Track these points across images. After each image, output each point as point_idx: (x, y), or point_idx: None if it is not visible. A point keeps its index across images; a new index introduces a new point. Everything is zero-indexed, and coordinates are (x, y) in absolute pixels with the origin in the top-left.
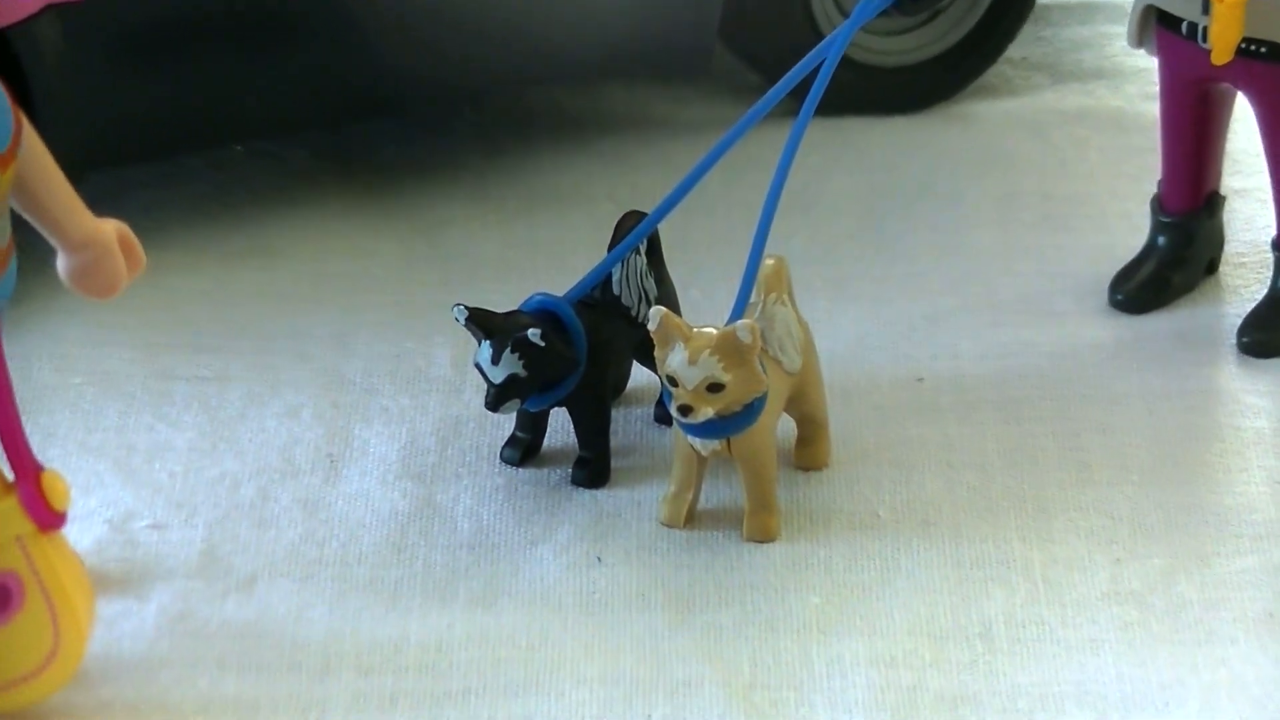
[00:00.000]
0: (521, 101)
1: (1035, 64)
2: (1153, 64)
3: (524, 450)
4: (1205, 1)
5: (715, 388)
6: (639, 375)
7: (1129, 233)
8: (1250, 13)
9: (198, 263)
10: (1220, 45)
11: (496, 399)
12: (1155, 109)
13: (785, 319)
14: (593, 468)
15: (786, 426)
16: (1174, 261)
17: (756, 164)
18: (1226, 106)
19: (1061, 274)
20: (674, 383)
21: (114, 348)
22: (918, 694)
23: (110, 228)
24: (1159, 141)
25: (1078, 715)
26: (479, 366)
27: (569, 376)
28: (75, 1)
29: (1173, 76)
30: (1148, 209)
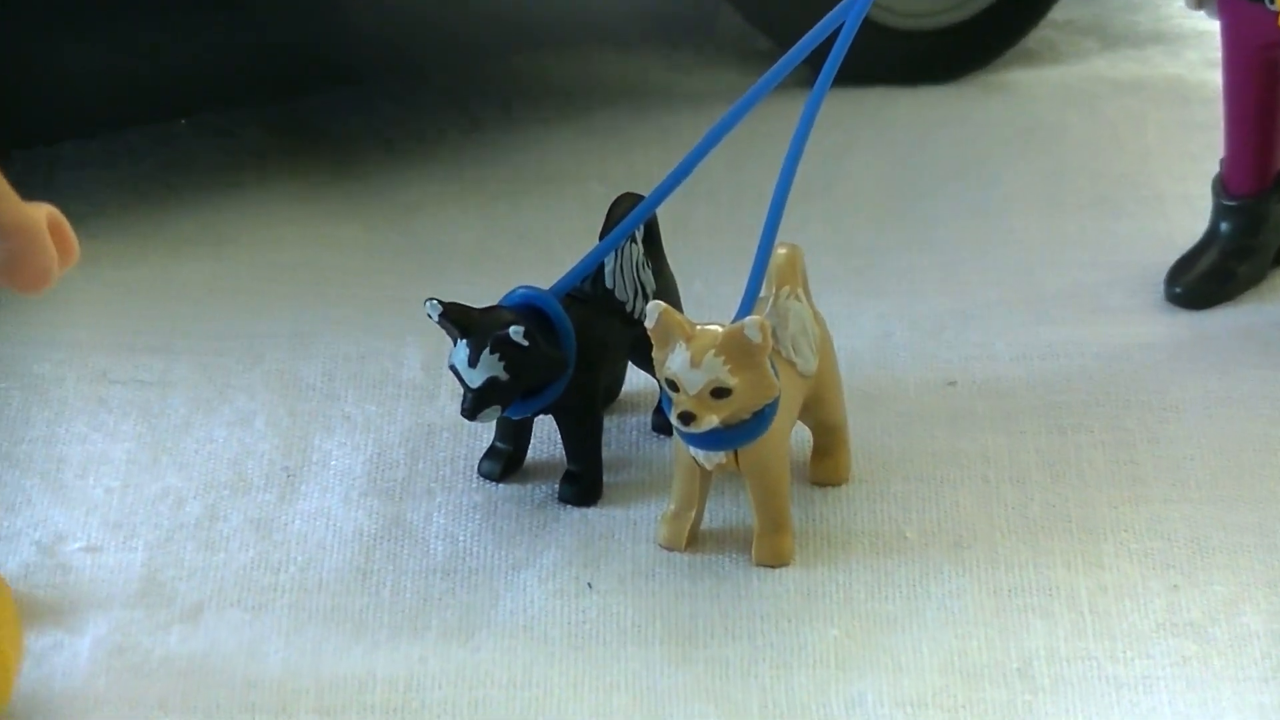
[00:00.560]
0: (503, 69)
1: (1083, 27)
2: (1215, 27)
3: (505, 463)
4: None
5: (721, 392)
6: (635, 379)
7: (1189, 218)
8: None
9: (138, 252)
10: None
11: (474, 405)
12: (1218, 78)
13: (800, 315)
14: (582, 483)
15: (801, 436)
16: (1239, 250)
17: (767, 141)
18: None
19: (1112, 264)
20: (674, 387)
21: (43, 348)
22: None
23: (40, 213)
24: (1222, 115)
25: None
26: (454, 369)
27: (556, 380)
28: None
29: (1237, 41)
30: (1209, 191)
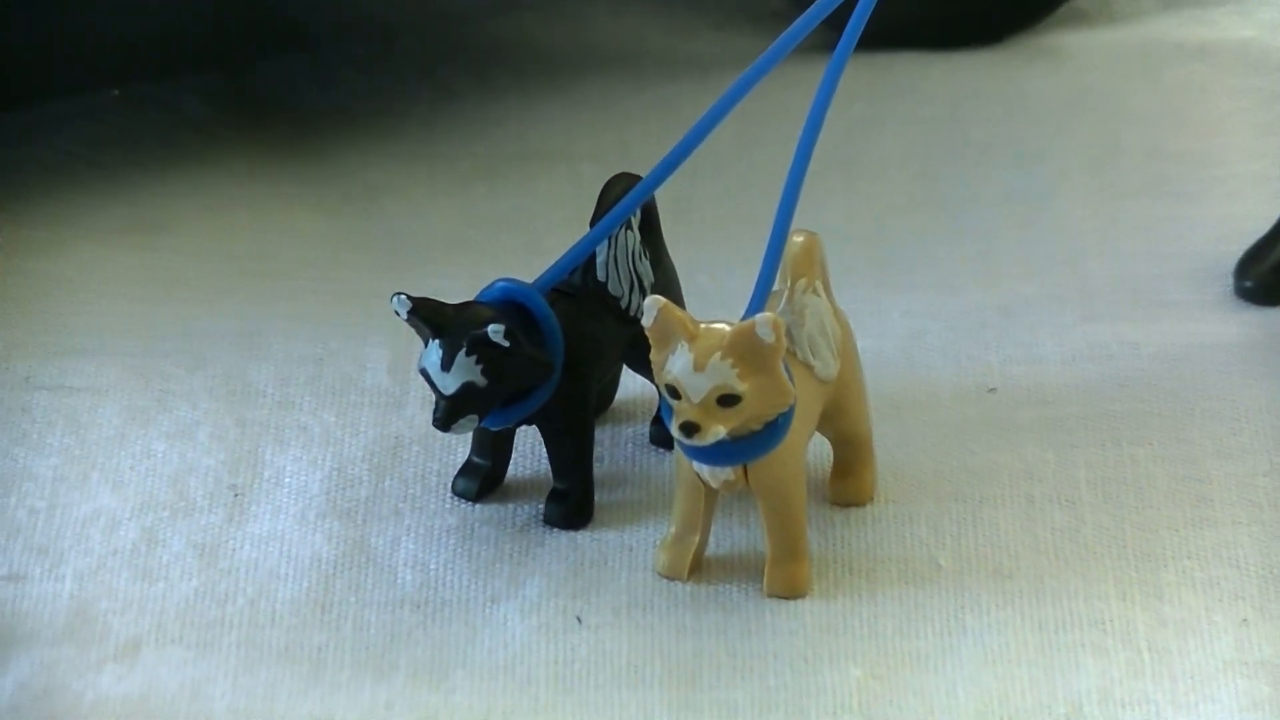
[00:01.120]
0: (480, 32)
1: None
2: None
3: (482, 481)
4: None
5: (728, 400)
6: (631, 384)
7: (1261, 201)
8: None
9: (64, 241)
10: None
11: (448, 415)
12: None
13: (818, 312)
14: (571, 503)
15: (820, 450)
16: None
17: (782, 113)
18: None
19: (1174, 254)
20: (676, 394)
21: None
22: None
23: None
24: None
25: None
26: (425, 373)
27: (541, 386)
28: None
29: None
30: None
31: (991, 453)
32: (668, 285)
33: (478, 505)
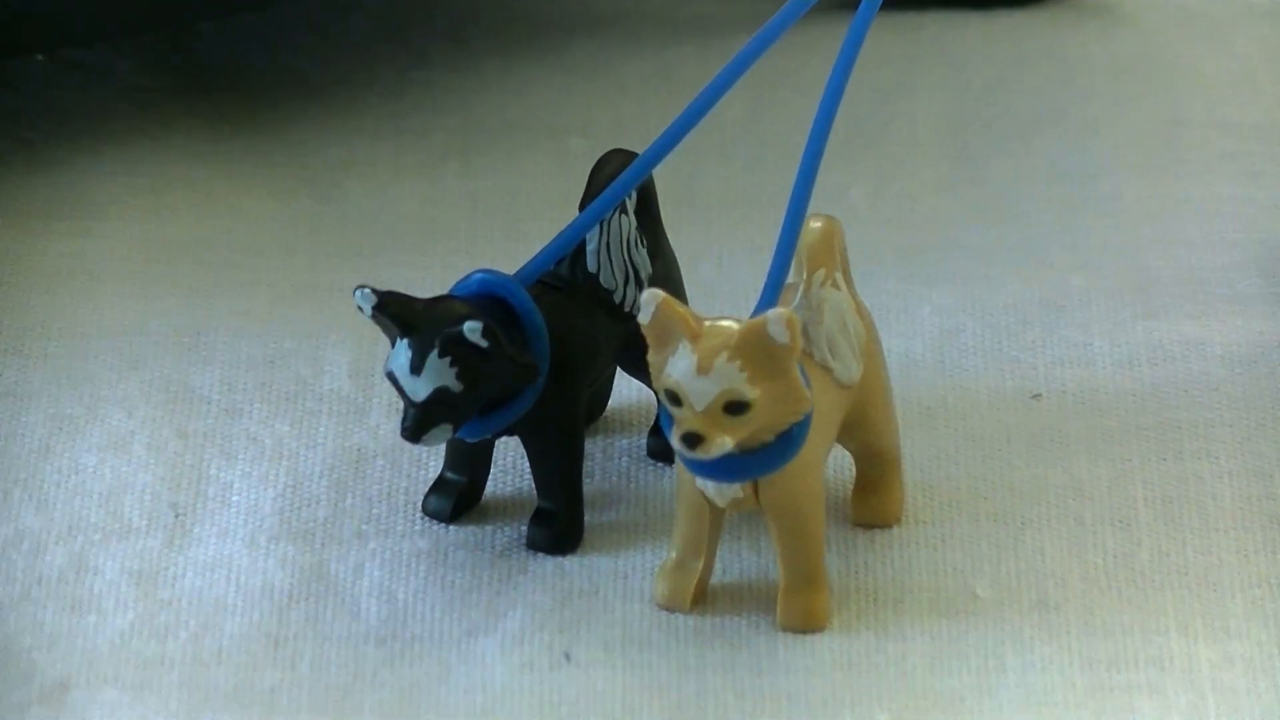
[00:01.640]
0: None
1: None
2: None
3: (458, 499)
4: None
5: (736, 407)
6: (626, 389)
7: None
8: None
9: None
10: None
11: (418, 424)
12: None
13: (838, 307)
14: (558, 525)
15: (841, 464)
16: None
17: (797, 81)
18: None
19: (1245, 242)
20: (677, 400)
21: None
22: None
23: None
24: None
25: None
26: (392, 377)
27: (523, 391)
28: None
29: None
30: None
31: (1036, 467)
32: (667, 277)
33: (452, 527)
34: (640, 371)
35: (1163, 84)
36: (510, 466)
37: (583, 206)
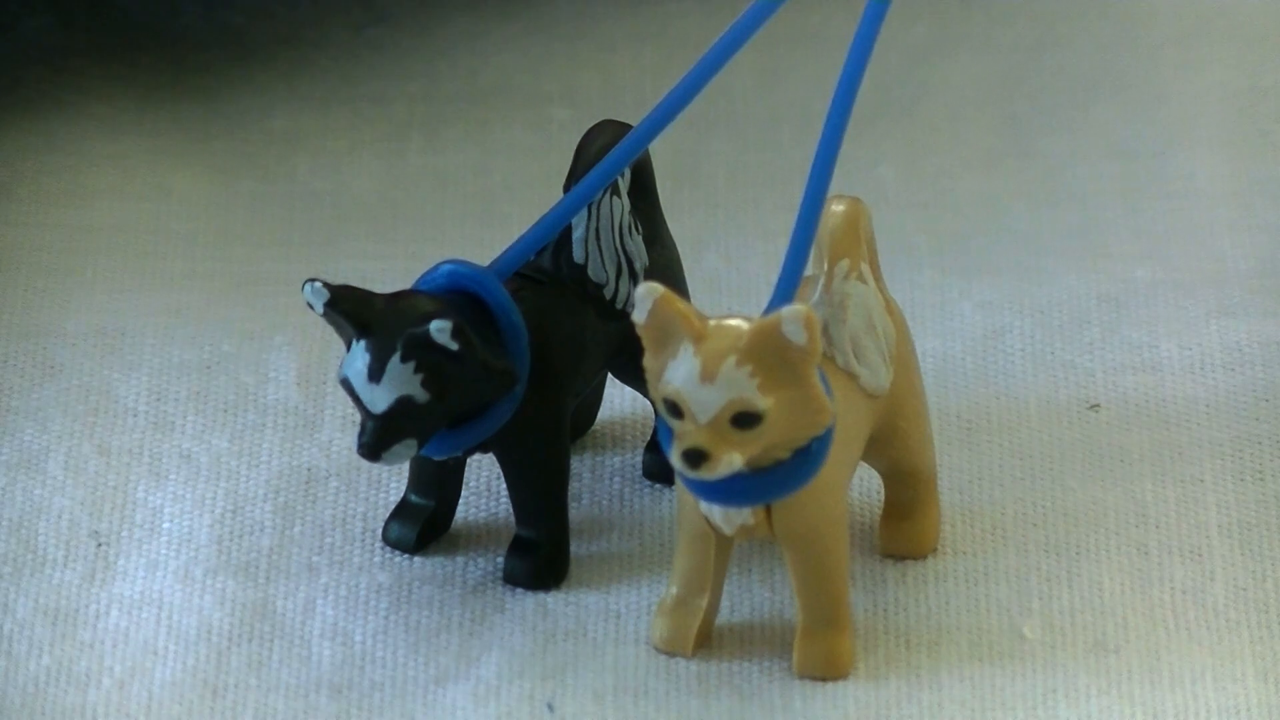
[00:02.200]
0: None
1: None
2: None
3: (424, 527)
4: None
5: (746, 420)
6: (619, 398)
7: None
8: None
9: None
10: None
11: (378, 439)
12: None
13: (864, 304)
14: (540, 556)
15: (868, 485)
16: None
17: (817, 40)
18: None
19: None
20: (677, 411)
21: None
22: None
23: None
24: None
25: None
26: (348, 384)
27: (499, 401)
28: None
29: None
30: None
31: (1093, 489)
32: (666, 269)
33: (417, 558)
34: (635, 378)
35: (1240, 45)
36: (484, 488)
37: (567, 187)
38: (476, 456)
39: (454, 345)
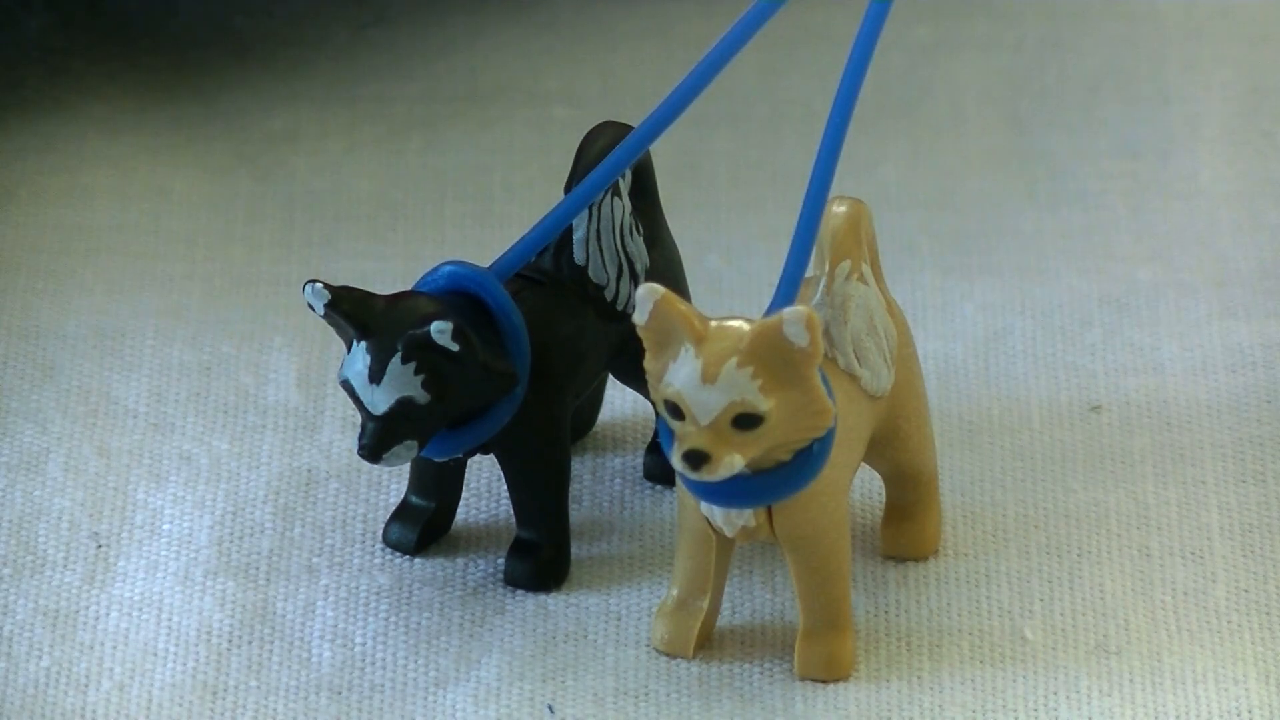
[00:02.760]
0: None
1: None
2: None
3: (424, 528)
4: None
5: (748, 421)
6: (619, 400)
7: None
8: None
9: None
10: None
11: (378, 441)
12: None
13: (866, 305)
14: (540, 558)
15: (869, 487)
16: None
17: (819, 39)
18: None
19: None
20: (678, 413)
21: None
22: None
23: None
24: None
25: None
26: (349, 386)
27: (500, 403)
28: None
29: None
30: None
31: (1095, 491)
32: (667, 269)
33: (417, 560)
34: (636, 380)
35: (1244, 46)
36: (485, 490)
37: (568, 188)
38: (477, 458)
39: (454, 346)
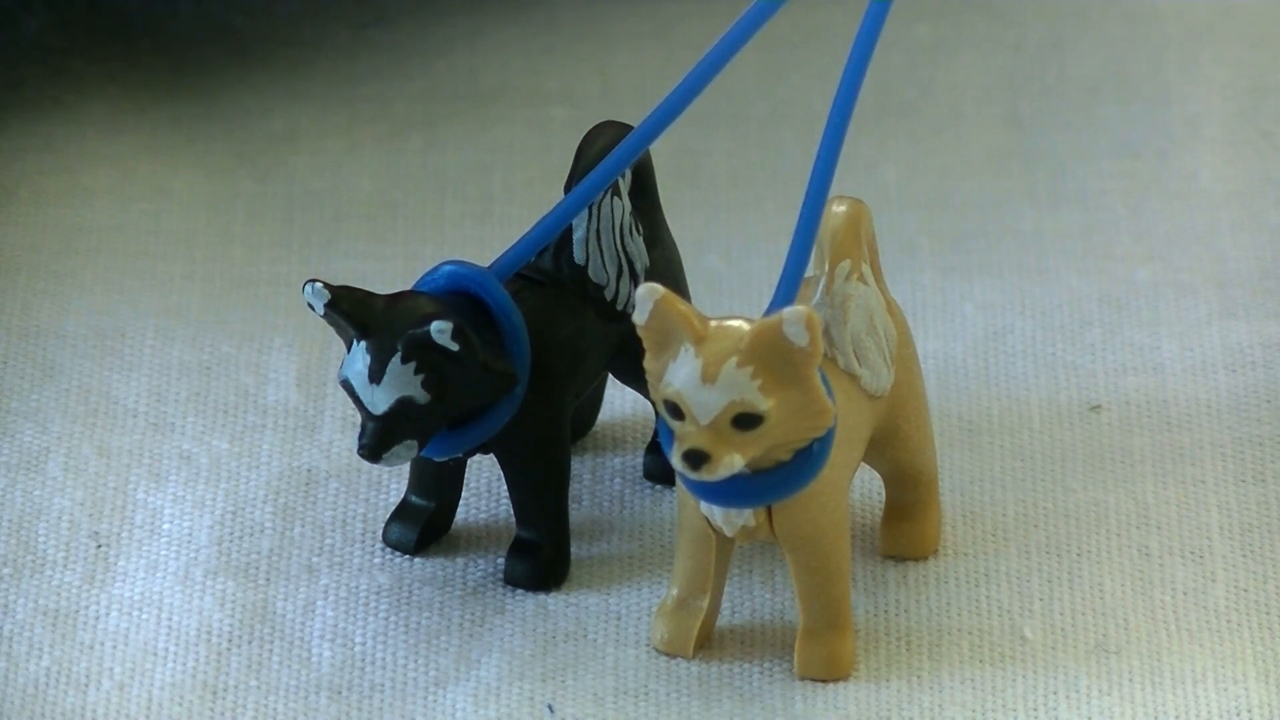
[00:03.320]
0: None
1: None
2: None
3: (424, 528)
4: None
5: (748, 421)
6: (619, 400)
7: None
8: None
9: None
10: None
11: (378, 440)
12: None
13: (865, 304)
14: (540, 558)
15: (869, 486)
16: None
17: (819, 39)
18: None
19: None
20: (678, 413)
21: None
22: None
23: None
24: None
25: None
26: (349, 386)
27: (500, 403)
28: None
29: None
30: None
31: (1095, 490)
32: (667, 269)
33: (417, 560)
34: (635, 379)
35: (1243, 46)
36: (484, 490)
37: (568, 188)
38: (477, 458)
39: (454, 346)
